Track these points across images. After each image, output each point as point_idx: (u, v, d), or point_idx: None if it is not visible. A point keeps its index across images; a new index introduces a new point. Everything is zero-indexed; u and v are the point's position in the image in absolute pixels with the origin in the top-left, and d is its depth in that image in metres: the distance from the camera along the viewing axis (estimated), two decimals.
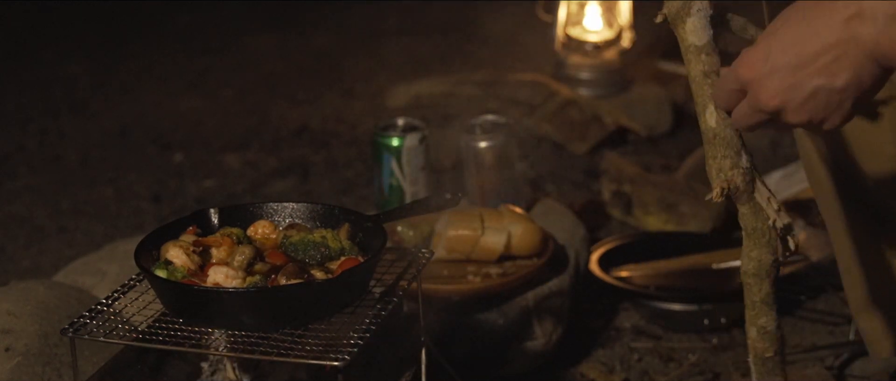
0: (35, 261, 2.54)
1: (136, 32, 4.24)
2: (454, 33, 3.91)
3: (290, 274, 1.41)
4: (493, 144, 2.25)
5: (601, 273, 2.19)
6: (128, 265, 1.82)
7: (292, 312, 1.39)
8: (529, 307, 1.97)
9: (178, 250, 1.44)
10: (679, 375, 2.01)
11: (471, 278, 1.99)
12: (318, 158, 3.03)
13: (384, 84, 3.46)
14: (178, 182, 2.93)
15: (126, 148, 3.20)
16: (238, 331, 1.40)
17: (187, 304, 1.41)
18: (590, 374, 2.01)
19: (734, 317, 2.13)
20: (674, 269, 2.24)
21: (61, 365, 1.73)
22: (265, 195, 2.81)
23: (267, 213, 1.58)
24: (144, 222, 2.70)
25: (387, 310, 1.44)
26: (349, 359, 1.31)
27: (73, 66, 3.87)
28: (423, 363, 1.60)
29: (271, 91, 3.58)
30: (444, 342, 1.90)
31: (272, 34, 4.15)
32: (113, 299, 1.47)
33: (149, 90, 3.65)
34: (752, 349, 1.36)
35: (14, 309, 1.77)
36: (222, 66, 3.88)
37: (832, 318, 2.14)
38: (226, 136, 3.22)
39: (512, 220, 2.02)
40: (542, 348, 1.97)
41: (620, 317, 2.19)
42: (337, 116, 3.32)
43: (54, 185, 2.96)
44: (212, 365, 1.57)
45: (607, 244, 2.28)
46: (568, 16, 3.24)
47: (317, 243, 1.47)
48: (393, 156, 2.22)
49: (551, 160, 2.91)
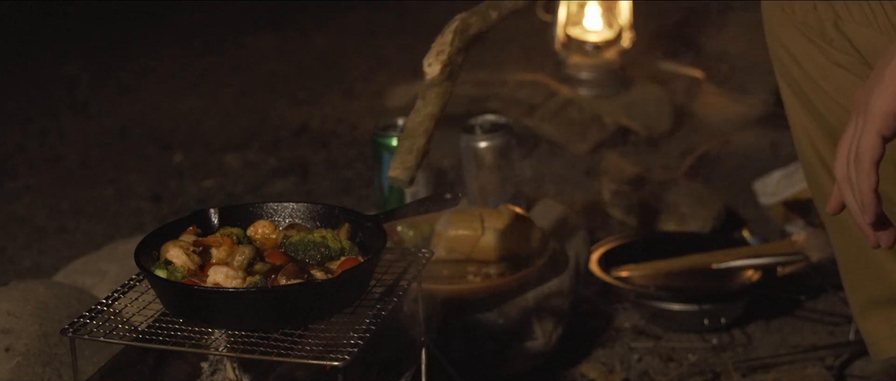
0: (35, 261, 2.54)
1: (136, 32, 4.24)
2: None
3: (290, 274, 1.41)
4: (493, 144, 2.25)
5: (601, 273, 2.19)
6: (128, 265, 1.82)
7: (292, 312, 1.39)
8: (529, 307, 1.97)
9: (179, 250, 1.44)
10: (679, 375, 2.01)
11: (471, 278, 1.99)
12: (318, 158, 3.03)
13: (384, 84, 3.46)
14: (178, 182, 2.93)
15: (126, 148, 3.20)
16: (238, 331, 1.40)
17: (187, 304, 1.41)
18: (590, 374, 2.01)
19: (734, 317, 2.13)
20: (674, 269, 2.23)
21: (61, 365, 1.73)
22: (265, 195, 2.81)
23: (267, 213, 1.58)
24: (144, 222, 2.70)
25: (387, 310, 1.44)
26: (349, 359, 1.31)
27: (73, 66, 3.87)
28: (423, 363, 1.60)
29: (271, 91, 3.58)
30: (444, 342, 1.90)
31: (272, 34, 4.14)
32: (113, 300, 1.47)
33: (149, 90, 3.65)
34: None
35: (14, 309, 1.77)
36: (222, 66, 3.88)
37: (832, 318, 2.14)
38: (226, 136, 3.22)
39: (512, 220, 2.02)
40: (542, 348, 1.97)
41: (620, 317, 2.19)
42: (337, 116, 3.31)
43: (54, 185, 2.96)
44: (212, 365, 1.58)
45: (607, 244, 2.28)
46: (568, 16, 3.24)
47: (317, 243, 1.47)
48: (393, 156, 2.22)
49: (551, 160, 2.91)
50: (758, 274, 2.18)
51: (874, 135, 1.17)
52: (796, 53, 1.54)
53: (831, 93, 1.51)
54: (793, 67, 1.55)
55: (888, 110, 1.16)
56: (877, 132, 1.17)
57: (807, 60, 1.53)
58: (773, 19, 1.58)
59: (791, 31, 1.54)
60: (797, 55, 1.54)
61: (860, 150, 1.18)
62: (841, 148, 1.21)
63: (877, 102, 1.17)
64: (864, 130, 1.17)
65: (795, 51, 1.54)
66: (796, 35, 1.54)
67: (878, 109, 1.17)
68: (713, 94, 3.14)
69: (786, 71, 1.57)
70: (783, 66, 1.58)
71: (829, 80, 1.51)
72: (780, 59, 1.58)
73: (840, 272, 1.63)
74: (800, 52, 1.54)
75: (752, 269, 2.20)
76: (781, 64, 1.58)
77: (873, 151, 1.17)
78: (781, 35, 1.56)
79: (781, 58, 1.57)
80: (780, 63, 1.58)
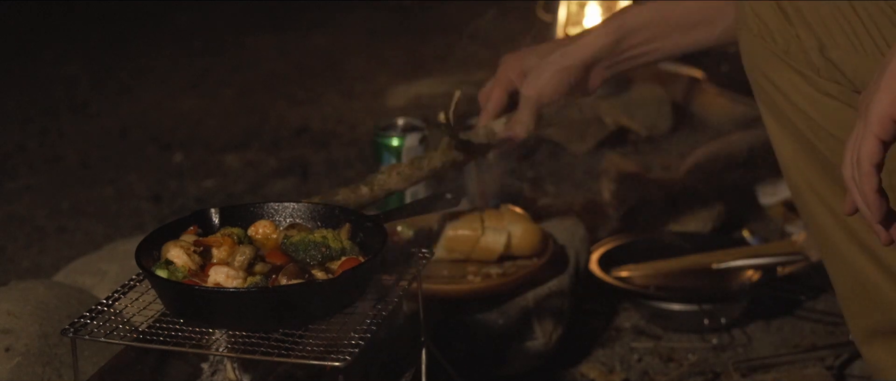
0: (35, 261, 2.54)
1: (136, 32, 4.25)
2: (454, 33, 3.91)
3: (291, 274, 1.41)
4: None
5: (601, 273, 2.19)
6: (128, 265, 1.82)
7: (293, 312, 1.39)
8: (529, 307, 1.97)
9: (179, 250, 1.44)
10: (679, 375, 2.01)
11: (471, 278, 1.98)
12: (318, 158, 3.03)
13: (384, 84, 3.46)
14: (178, 182, 2.93)
15: (126, 148, 3.20)
16: (238, 331, 1.40)
17: (188, 304, 1.41)
18: (590, 374, 2.01)
19: (734, 317, 2.13)
20: (674, 269, 2.23)
21: (61, 365, 1.73)
22: (265, 195, 2.81)
23: (268, 213, 1.58)
24: (144, 222, 2.70)
25: (387, 310, 1.44)
26: (350, 360, 1.31)
27: (73, 66, 3.87)
28: (423, 363, 1.60)
29: (271, 91, 3.58)
30: (444, 342, 1.90)
31: (272, 34, 4.15)
32: (113, 300, 1.47)
33: (149, 90, 3.65)
34: None
35: (14, 309, 1.77)
36: (222, 66, 3.88)
37: (832, 318, 2.14)
38: (226, 136, 3.22)
39: (512, 220, 2.02)
40: (542, 348, 1.97)
41: (620, 317, 2.19)
42: (337, 116, 3.32)
43: (54, 185, 2.96)
44: (212, 366, 1.58)
45: (607, 244, 2.28)
46: (568, 16, 3.24)
47: (317, 243, 1.47)
48: (393, 156, 2.22)
49: (551, 160, 2.91)
50: (758, 274, 2.18)
51: (873, 139, 1.19)
52: (780, 84, 1.53)
53: (821, 122, 1.50)
54: (777, 96, 1.54)
55: (885, 115, 1.18)
56: (875, 136, 1.19)
57: (792, 91, 1.52)
58: (753, 51, 1.56)
59: (774, 61, 1.53)
60: (781, 85, 1.53)
61: (861, 154, 1.20)
62: (847, 153, 1.23)
63: (875, 108, 1.19)
64: (864, 135, 1.19)
65: (779, 81, 1.53)
66: (780, 65, 1.52)
67: (876, 114, 1.19)
68: (713, 94, 3.15)
69: (770, 101, 1.56)
70: (767, 96, 1.56)
71: (818, 109, 1.50)
72: (763, 90, 1.56)
73: (839, 302, 1.62)
74: (784, 83, 1.53)
75: (752, 269, 2.20)
76: (765, 94, 1.56)
77: (873, 156, 1.19)
78: (764, 66, 1.55)
79: (765, 88, 1.56)
80: (764, 94, 1.56)
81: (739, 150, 2.66)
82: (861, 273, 1.54)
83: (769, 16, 1.52)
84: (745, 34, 1.56)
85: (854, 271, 1.55)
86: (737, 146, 2.66)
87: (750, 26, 1.55)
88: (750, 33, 1.55)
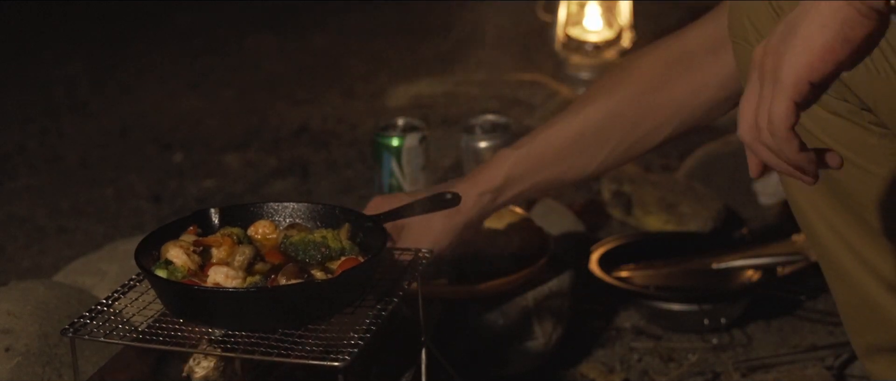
0: (35, 261, 2.54)
1: (136, 32, 4.24)
2: (454, 33, 3.91)
3: (291, 274, 1.41)
4: (493, 144, 2.25)
5: (601, 273, 2.19)
6: (128, 265, 1.82)
7: (292, 312, 1.39)
8: (529, 307, 1.97)
9: (179, 250, 1.44)
10: (679, 375, 2.01)
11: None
12: (318, 158, 3.03)
13: (384, 84, 3.46)
14: (178, 182, 2.93)
15: (126, 148, 3.20)
16: (238, 331, 1.40)
17: (187, 304, 1.41)
18: (590, 374, 2.01)
19: (734, 317, 2.13)
20: (674, 269, 2.23)
21: (61, 365, 1.73)
22: (265, 195, 2.81)
23: (267, 213, 1.58)
24: (144, 222, 2.70)
25: (387, 310, 1.44)
26: (350, 360, 1.31)
27: (73, 66, 3.87)
28: (423, 363, 1.60)
29: (271, 91, 3.58)
30: (444, 342, 1.90)
31: (272, 34, 4.15)
32: (113, 300, 1.47)
33: (149, 90, 3.65)
34: None
35: (14, 309, 1.77)
36: (222, 66, 3.88)
37: (832, 318, 2.14)
38: (226, 136, 3.22)
39: (512, 220, 2.02)
40: (542, 348, 1.97)
41: (620, 317, 2.19)
42: (337, 116, 3.31)
43: (54, 185, 2.96)
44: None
45: (607, 244, 2.28)
46: (568, 16, 3.24)
47: (317, 243, 1.47)
48: (393, 156, 2.22)
49: None
50: (758, 274, 2.18)
51: (787, 103, 1.09)
52: None
53: (830, 143, 1.41)
54: None
55: (801, 78, 1.08)
56: (790, 99, 1.09)
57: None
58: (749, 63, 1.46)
59: None
60: None
61: (773, 119, 1.10)
62: (745, 113, 1.13)
63: (788, 70, 1.08)
64: (775, 98, 1.10)
65: None
66: None
67: (790, 77, 1.08)
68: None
69: None
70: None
71: (826, 130, 1.41)
72: None
73: (841, 317, 1.58)
74: None
75: (752, 269, 2.20)
76: None
77: (788, 119, 1.10)
78: None
79: None
80: None
81: (739, 150, 2.66)
82: (865, 291, 1.50)
83: (766, 24, 1.39)
84: (739, 44, 1.45)
85: (857, 288, 1.51)
86: (737, 146, 2.66)
87: (745, 36, 1.42)
88: (745, 44, 1.43)
